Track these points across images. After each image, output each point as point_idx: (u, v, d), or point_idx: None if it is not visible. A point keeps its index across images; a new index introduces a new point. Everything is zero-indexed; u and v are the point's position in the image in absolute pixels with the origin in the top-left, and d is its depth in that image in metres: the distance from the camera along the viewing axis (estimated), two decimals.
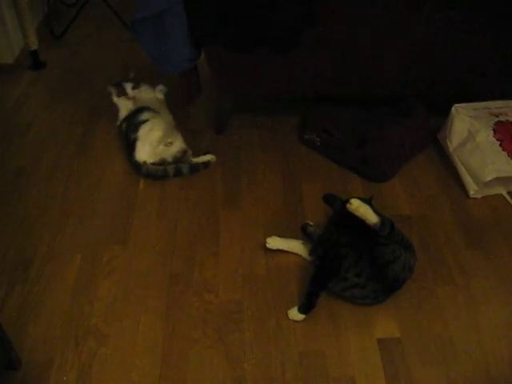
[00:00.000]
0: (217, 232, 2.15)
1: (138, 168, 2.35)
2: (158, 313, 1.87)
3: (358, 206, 1.71)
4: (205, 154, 2.44)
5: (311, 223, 2.07)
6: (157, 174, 2.34)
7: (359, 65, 2.33)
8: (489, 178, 2.19)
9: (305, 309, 1.83)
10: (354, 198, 1.74)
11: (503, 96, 2.48)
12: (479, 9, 2.17)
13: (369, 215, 1.71)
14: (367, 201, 1.78)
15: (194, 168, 2.39)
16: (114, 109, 2.54)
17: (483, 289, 1.96)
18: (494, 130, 2.30)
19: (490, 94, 2.47)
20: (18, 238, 2.10)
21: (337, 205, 1.91)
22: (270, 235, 2.05)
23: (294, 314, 1.83)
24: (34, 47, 3.02)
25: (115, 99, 2.55)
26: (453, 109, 2.42)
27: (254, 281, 1.97)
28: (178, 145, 2.39)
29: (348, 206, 1.72)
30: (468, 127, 2.32)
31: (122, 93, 2.53)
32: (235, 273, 1.99)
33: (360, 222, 1.73)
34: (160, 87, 2.59)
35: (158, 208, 2.24)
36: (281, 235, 2.06)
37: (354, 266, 1.78)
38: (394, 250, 1.77)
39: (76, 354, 1.75)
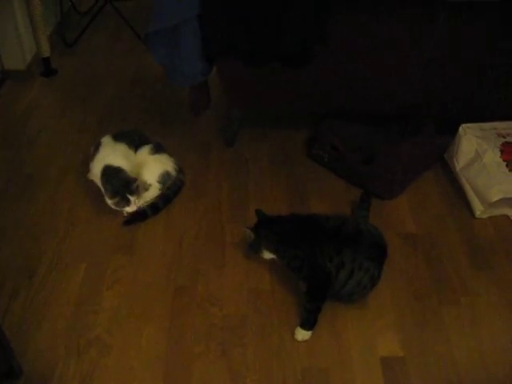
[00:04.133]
0: (223, 245, 2.15)
1: None
2: (161, 325, 1.87)
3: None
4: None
5: None
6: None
7: (369, 81, 2.34)
8: (495, 199, 2.19)
9: (309, 325, 1.82)
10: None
11: (511, 117, 2.47)
12: (493, 26, 2.18)
13: None
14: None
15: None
16: (123, 117, 2.52)
17: (487, 309, 1.95)
18: (502, 151, 2.30)
19: (498, 114, 2.47)
20: (24, 245, 2.11)
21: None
22: None
23: (302, 333, 1.82)
24: (46, 54, 3.05)
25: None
26: (460, 128, 2.42)
27: (258, 295, 1.97)
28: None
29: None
30: (475, 147, 2.33)
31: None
32: (240, 287, 2.00)
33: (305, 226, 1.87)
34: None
35: (164, 220, 2.25)
36: None
37: (340, 265, 1.79)
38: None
39: (78, 364, 1.75)
